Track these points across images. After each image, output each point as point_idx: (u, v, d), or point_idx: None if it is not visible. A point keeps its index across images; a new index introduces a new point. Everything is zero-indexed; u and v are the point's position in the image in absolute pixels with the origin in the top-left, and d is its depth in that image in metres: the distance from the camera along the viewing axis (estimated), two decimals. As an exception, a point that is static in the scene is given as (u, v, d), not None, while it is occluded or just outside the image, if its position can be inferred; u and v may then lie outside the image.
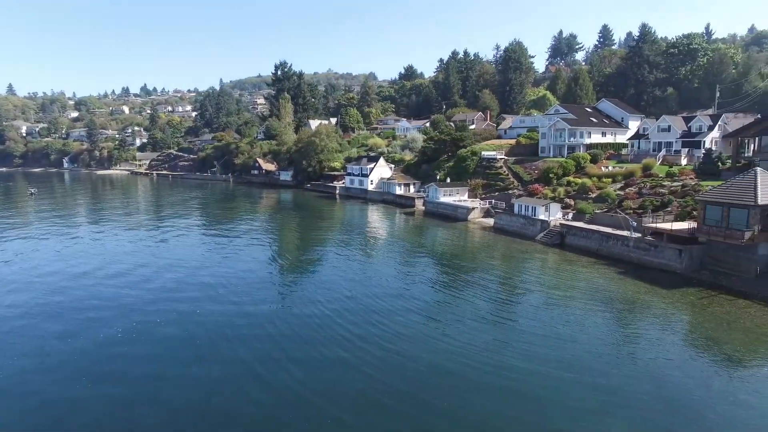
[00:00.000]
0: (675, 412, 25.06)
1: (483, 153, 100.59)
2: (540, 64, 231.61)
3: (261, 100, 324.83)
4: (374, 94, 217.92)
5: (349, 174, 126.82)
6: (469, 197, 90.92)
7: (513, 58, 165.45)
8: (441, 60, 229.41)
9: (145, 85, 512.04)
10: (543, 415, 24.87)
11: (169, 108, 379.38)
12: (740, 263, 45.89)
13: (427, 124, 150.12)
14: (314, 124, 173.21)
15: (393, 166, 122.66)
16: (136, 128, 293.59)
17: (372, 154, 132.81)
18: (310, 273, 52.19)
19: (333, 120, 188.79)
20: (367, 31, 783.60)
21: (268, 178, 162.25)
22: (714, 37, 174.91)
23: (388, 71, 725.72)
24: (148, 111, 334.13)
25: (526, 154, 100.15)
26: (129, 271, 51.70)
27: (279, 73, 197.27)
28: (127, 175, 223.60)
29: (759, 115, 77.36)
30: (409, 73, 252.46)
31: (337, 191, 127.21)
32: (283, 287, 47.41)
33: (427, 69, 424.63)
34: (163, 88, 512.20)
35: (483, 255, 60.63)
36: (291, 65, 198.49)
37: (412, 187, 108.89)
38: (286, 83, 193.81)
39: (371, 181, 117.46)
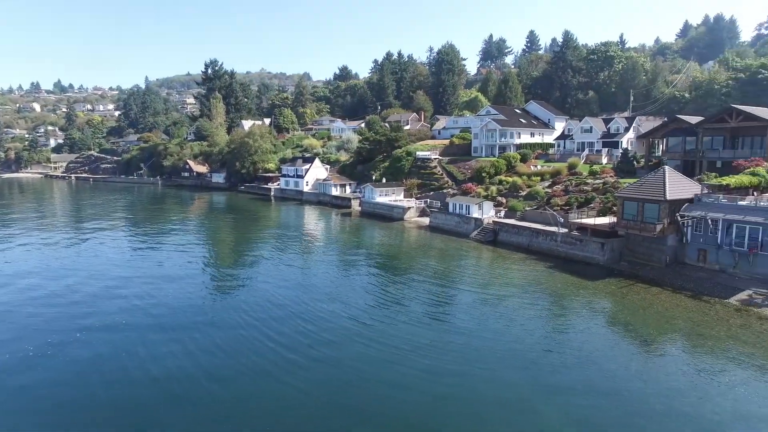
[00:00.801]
0: (599, 394, 26.51)
1: (418, 153, 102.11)
2: (472, 66, 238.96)
3: (191, 100, 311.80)
4: (309, 94, 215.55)
5: (284, 175, 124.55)
6: (404, 197, 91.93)
7: (446, 60, 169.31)
8: (375, 61, 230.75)
9: (59, 81, 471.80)
10: (477, 410, 25.39)
11: (89, 106, 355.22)
12: (653, 254, 49.49)
13: (362, 125, 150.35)
14: (247, 124, 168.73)
15: (328, 166, 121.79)
16: (50, 127, 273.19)
17: (307, 155, 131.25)
18: (241, 281, 49.79)
19: (267, 120, 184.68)
20: (301, 30, 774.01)
21: (199, 181, 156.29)
22: (627, 45, 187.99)
23: (322, 71, 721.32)
24: (64, 109, 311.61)
25: (460, 153, 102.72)
26: (37, 286, 46.64)
27: (209, 71, 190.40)
28: (40, 178, 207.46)
29: (666, 119, 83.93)
30: (344, 73, 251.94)
31: (272, 193, 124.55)
32: (210, 298, 43.89)
33: (362, 70, 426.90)
34: (81, 85, 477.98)
35: (419, 254, 61.39)
36: (222, 64, 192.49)
37: (348, 187, 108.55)
38: (217, 82, 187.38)
39: (307, 182, 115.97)
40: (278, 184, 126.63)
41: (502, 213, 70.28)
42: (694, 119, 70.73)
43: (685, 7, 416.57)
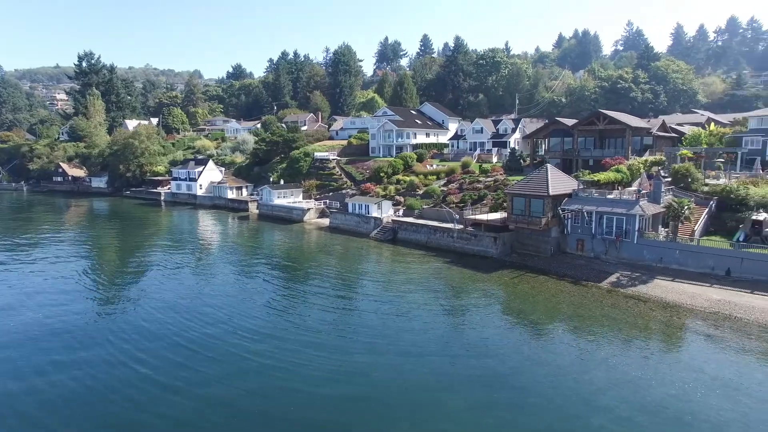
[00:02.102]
0: (495, 378, 27.93)
1: (316, 154, 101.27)
2: (368, 67, 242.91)
3: (62, 96, 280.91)
4: (200, 93, 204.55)
5: (175, 179, 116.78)
6: (303, 198, 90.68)
7: (342, 61, 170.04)
8: (271, 60, 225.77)
9: None
10: (382, 407, 25.54)
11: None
12: (539, 246, 53.47)
13: (258, 126, 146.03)
14: (131, 124, 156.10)
15: (224, 169, 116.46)
16: None
17: (200, 156, 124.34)
18: (119, 298, 44.43)
19: (154, 120, 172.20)
20: (190, 25, 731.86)
21: (76, 186, 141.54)
22: (512, 53, 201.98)
23: (214, 69, 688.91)
24: None
25: (358, 154, 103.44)
26: None
27: (84, 64, 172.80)
28: None
29: (547, 121, 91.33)
30: (238, 72, 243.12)
31: (163, 197, 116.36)
32: (72, 325, 36.21)
33: (257, 69, 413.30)
34: None
35: (320, 256, 60.70)
36: (99, 56, 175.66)
37: (244, 190, 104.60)
38: (94, 77, 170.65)
39: (200, 185, 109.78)
40: (169, 188, 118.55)
41: (401, 211, 71.87)
42: (570, 122, 77.78)
43: (559, 21, 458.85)
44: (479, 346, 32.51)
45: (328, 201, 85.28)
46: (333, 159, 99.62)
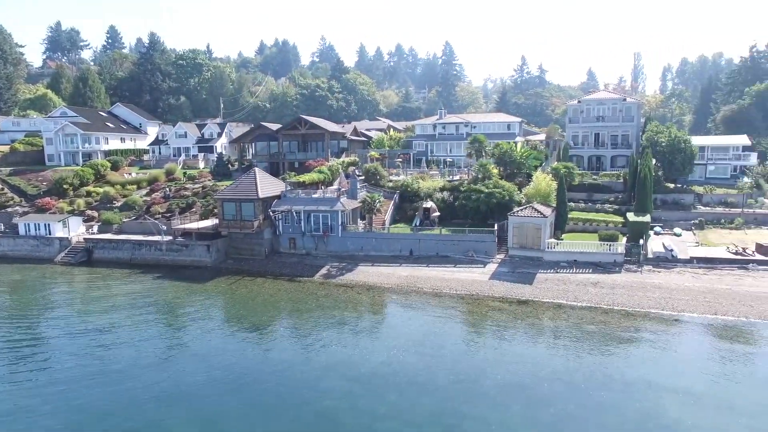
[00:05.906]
0: (223, 386, 26.54)
1: (-35, 163, 78.13)
2: (35, 57, 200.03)
3: None
4: None
5: None
6: (-51, 222, 68.79)
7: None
8: None
9: None
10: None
11: None
12: (254, 248, 53.89)
13: None
14: None
15: None
16: None
17: None
18: None
19: None
20: None
21: None
22: (214, 55, 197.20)
23: None
24: None
25: (29, 163, 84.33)
26: None
27: None
28: None
29: (252, 125, 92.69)
30: None
31: None
32: None
33: None
34: None
35: (-19, 293, 47.04)
36: None
37: None
38: None
39: None
40: None
41: (96, 228, 62.06)
42: (275, 126, 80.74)
43: (260, 28, 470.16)
44: (202, 360, 30.60)
45: (-14, 223, 66.82)
46: (-10, 170, 78.60)
